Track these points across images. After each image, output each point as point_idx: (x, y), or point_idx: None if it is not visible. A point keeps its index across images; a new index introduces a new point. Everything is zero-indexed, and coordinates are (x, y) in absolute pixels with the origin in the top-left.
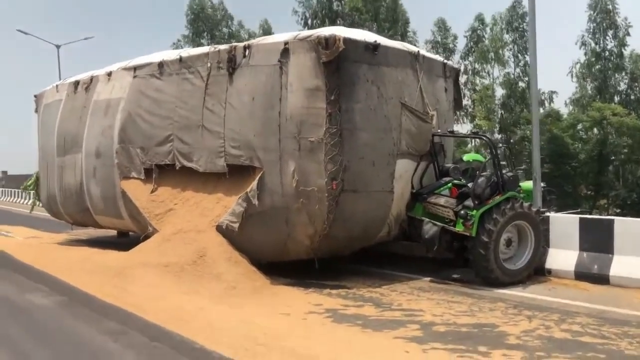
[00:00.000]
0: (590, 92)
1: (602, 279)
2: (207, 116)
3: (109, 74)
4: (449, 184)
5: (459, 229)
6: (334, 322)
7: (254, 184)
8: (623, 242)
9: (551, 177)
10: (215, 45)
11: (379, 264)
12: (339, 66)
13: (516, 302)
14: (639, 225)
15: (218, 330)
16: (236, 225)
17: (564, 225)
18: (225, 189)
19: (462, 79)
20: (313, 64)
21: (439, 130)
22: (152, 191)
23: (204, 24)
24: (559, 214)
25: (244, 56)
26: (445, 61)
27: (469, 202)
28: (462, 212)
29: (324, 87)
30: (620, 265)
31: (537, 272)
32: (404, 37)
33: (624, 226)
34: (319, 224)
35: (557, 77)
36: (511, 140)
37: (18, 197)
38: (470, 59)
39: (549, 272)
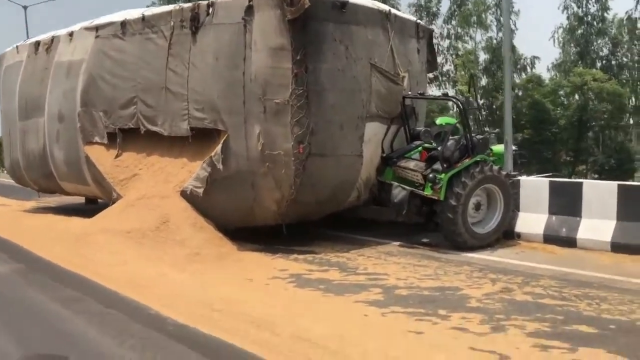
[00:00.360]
0: (572, 57)
1: (569, 242)
2: (171, 77)
3: (70, 34)
4: (419, 148)
5: (428, 192)
6: (297, 287)
7: (218, 148)
8: (590, 205)
9: (531, 142)
10: (180, 4)
11: (350, 229)
12: (305, 24)
13: (482, 265)
14: (606, 187)
15: (176, 297)
16: (200, 191)
17: (534, 189)
18: (190, 154)
19: (445, 43)
20: (278, 21)
21: (409, 93)
22: (117, 156)
23: None
24: (530, 178)
25: (208, 14)
26: (418, 21)
27: (438, 166)
28: (430, 175)
29: (289, 46)
30: (588, 228)
31: (507, 236)
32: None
33: (592, 189)
34: (286, 188)
35: (541, 43)
36: (493, 106)
37: None
38: (453, 22)
39: (519, 235)
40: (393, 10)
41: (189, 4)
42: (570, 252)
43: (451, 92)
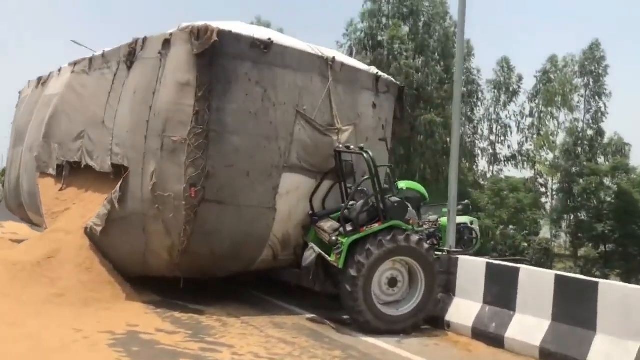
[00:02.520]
0: None
1: (497, 341)
2: (108, 112)
3: (59, 70)
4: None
5: (332, 258)
6: (108, 347)
7: (118, 185)
8: (526, 298)
9: (612, 236)
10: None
11: (282, 293)
12: (212, 60)
13: (361, 354)
14: (542, 277)
15: None
16: (99, 229)
17: (471, 270)
18: (110, 190)
19: (527, 121)
20: (188, 57)
21: (348, 147)
22: (61, 189)
23: None
24: (467, 257)
25: (141, 49)
26: (380, 74)
27: (349, 228)
28: (333, 238)
29: (194, 82)
30: (519, 326)
31: (437, 324)
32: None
33: (528, 278)
34: (176, 235)
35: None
36: (574, 192)
37: None
38: (536, 101)
39: (448, 325)
40: (340, 58)
41: (131, 40)
42: (492, 353)
43: (530, 174)
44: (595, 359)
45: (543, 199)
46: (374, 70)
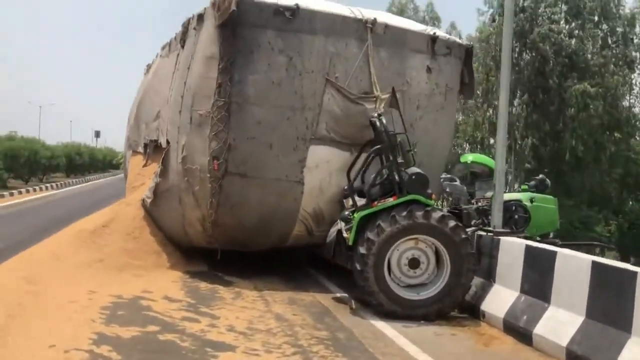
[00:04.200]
0: None
1: (526, 337)
2: (171, 91)
3: (157, 55)
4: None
5: (346, 234)
6: (98, 310)
7: (161, 159)
8: (561, 287)
9: None
10: None
11: (333, 270)
12: (234, 31)
13: (346, 337)
14: (578, 262)
15: None
16: (149, 201)
17: (510, 253)
18: None
19: None
20: (214, 29)
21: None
22: (144, 165)
23: None
24: (510, 238)
25: (192, 27)
26: (438, 34)
27: (360, 203)
28: (345, 213)
29: (217, 55)
30: (549, 321)
31: (473, 313)
32: None
33: (565, 262)
34: (204, 207)
35: None
36: None
37: None
38: None
39: (484, 315)
40: (384, 19)
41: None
42: (513, 351)
43: None
44: None
45: None
46: (430, 30)
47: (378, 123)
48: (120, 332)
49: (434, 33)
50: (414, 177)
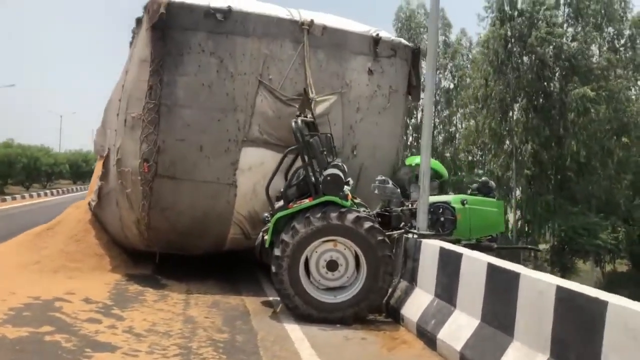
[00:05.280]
0: None
1: (432, 342)
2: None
3: None
4: None
5: (266, 235)
6: (5, 310)
7: (101, 162)
8: (464, 289)
9: None
10: None
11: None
12: (164, 34)
13: (242, 341)
14: (476, 264)
15: None
16: (94, 204)
17: (429, 256)
18: None
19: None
20: (145, 32)
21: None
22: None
23: None
24: (430, 241)
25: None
26: (381, 36)
27: (278, 205)
28: (264, 214)
29: (149, 57)
30: (452, 325)
31: (395, 316)
32: None
33: (469, 264)
34: (137, 210)
35: None
36: None
37: None
38: None
39: (403, 319)
40: (323, 20)
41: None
42: (414, 356)
43: None
44: None
45: None
46: (373, 31)
47: (293, 125)
48: (9, 332)
49: (377, 34)
50: (329, 178)
